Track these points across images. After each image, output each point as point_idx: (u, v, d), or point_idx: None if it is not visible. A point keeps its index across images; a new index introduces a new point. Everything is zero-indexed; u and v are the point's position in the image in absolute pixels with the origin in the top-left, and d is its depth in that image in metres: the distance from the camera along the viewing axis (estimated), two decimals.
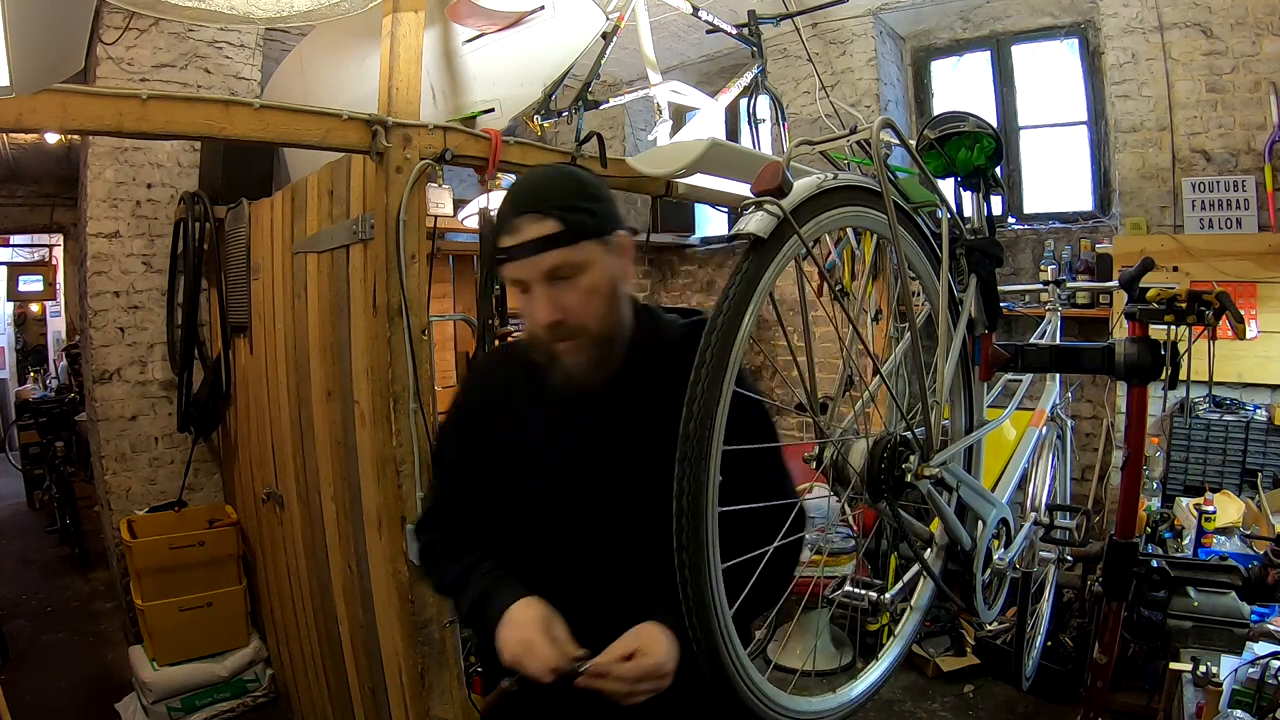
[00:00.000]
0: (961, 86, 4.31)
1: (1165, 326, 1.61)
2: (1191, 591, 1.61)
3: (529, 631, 1.09)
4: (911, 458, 1.17)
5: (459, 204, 3.13)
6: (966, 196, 1.52)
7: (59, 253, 8.08)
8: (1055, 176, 4.04)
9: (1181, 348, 1.57)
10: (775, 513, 1.16)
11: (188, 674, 2.94)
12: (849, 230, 2.88)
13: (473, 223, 3.04)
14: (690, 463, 0.91)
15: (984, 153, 1.43)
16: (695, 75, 4.84)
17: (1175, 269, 3.10)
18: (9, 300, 8.41)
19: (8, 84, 1.27)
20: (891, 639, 1.41)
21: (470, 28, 2.63)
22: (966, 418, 1.47)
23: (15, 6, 1.17)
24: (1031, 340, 1.82)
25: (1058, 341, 2.26)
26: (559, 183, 1.13)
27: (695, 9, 3.06)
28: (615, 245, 1.15)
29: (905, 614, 1.43)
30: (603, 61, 2.87)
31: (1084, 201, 3.91)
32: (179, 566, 2.98)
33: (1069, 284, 2.55)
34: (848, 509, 2.54)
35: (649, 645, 1.06)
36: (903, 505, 1.22)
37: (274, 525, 2.87)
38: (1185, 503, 2.80)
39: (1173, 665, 1.99)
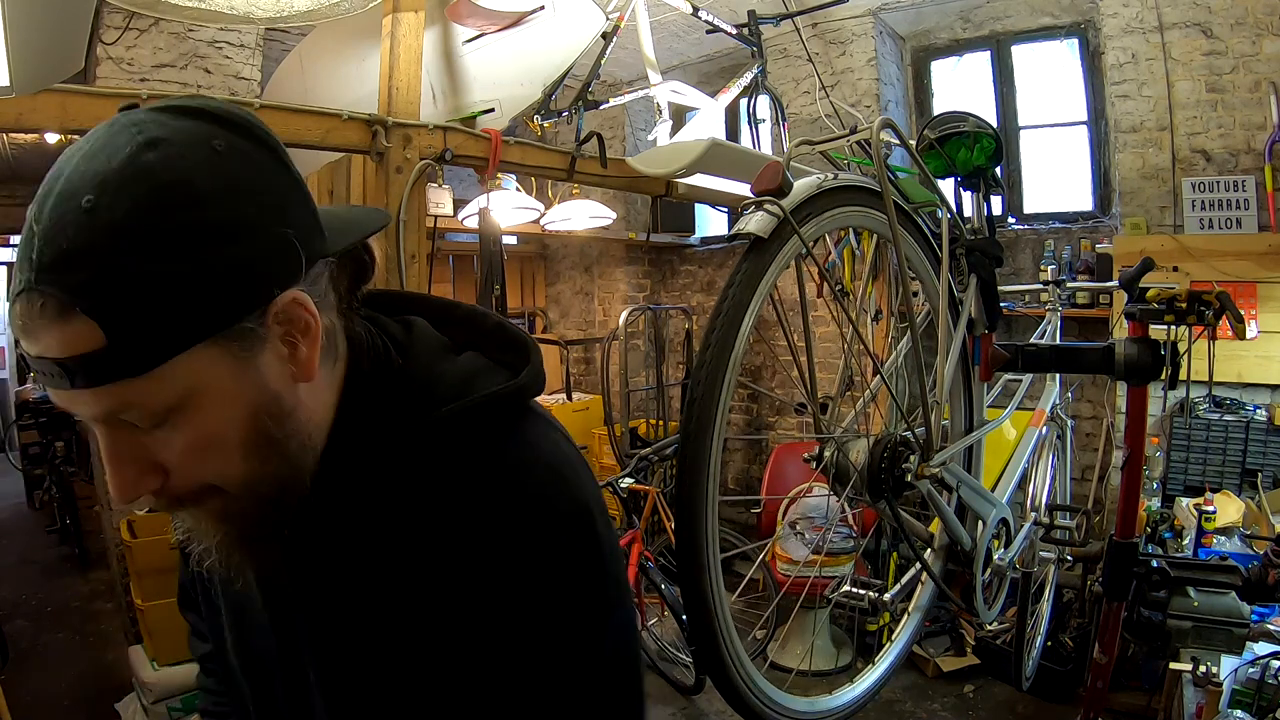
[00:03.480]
0: (961, 86, 4.31)
1: (1165, 326, 1.61)
2: (1191, 591, 1.61)
3: None
4: (911, 457, 1.17)
5: (459, 204, 3.14)
6: (966, 196, 1.52)
7: None
8: (1055, 176, 4.04)
9: (1181, 348, 1.57)
10: None
11: (188, 674, 2.93)
12: (849, 230, 2.89)
13: (473, 223, 3.04)
14: (689, 474, 0.91)
15: (984, 153, 1.44)
16: (695, 75, 4.84)
17: (1175, 269, 3.10)
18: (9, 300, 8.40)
19: (8, 84, 1.27)
20: (891, 639, 1.41)
21: (470, 28, 2.64)
22: (966, 418, 1.47)
23: (15, 6, 1.17)
24: (1031, 340, 1.82)
25: (1058, 341, 2.26)
26: (109, 202, 0.48)
27: (695, 9, 3.06)
28: (262, 335, 0.54)
29: (905, 614, 1.43)
30: (603, 61, 2.87)
31: (1084, 201, 3.91)
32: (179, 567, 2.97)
33: (1069, 284, 2.55)
34: (848, 509, 2.54)
35: None
36: (903, 505, 1.22)
37: None
38: (1185, 503, 2.80)
39: (1173, 665, 2.00)
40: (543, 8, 2.57)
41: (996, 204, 1.54)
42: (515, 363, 0.67)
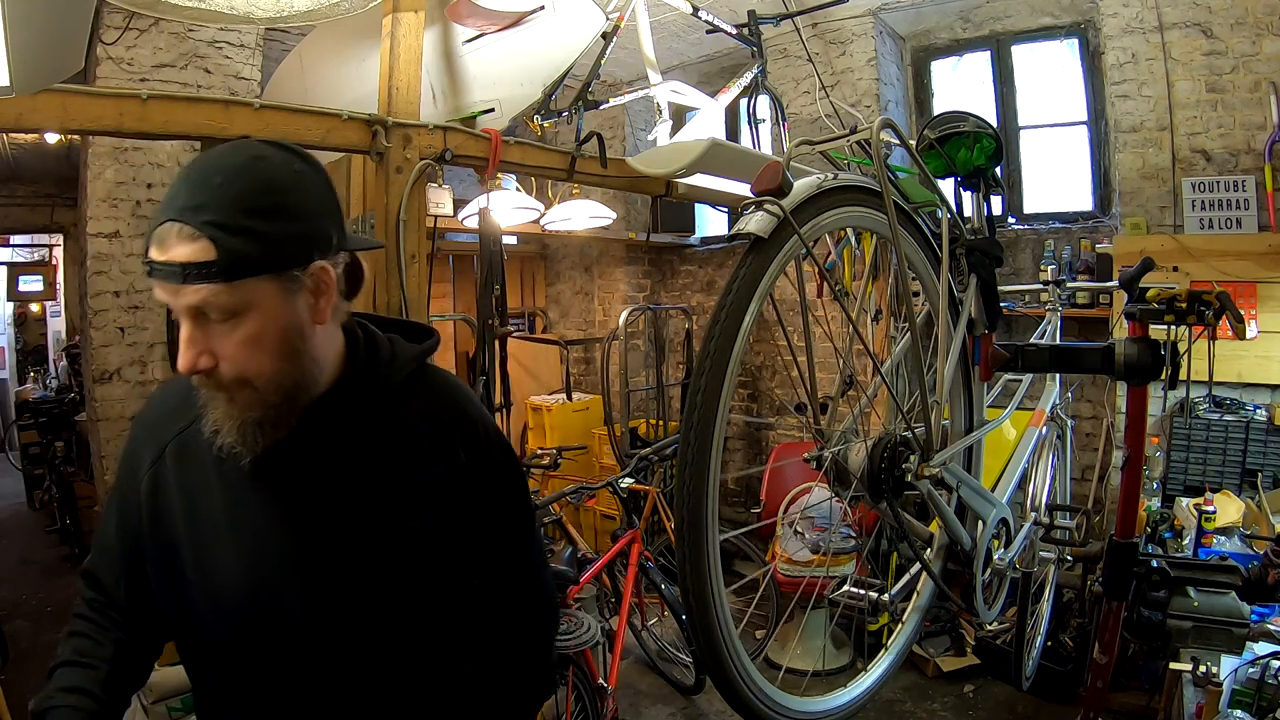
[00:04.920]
0: (961, 86, 4.31)
1: (1165, 326, 1.61)
2: (1191, 591, 1.61)
3: None
4: (912, 457, 1.17)
5: (459, 204, 3.14)
6: (966, 196, 1.52)
7: (59, 253, 8.08)
8: (1055, 176, 4.04)
9: (1181, 348, 1.57)
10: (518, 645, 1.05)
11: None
12: (849, 230, 2.88)
13: (473, 223, 3.04)
14: (691, 475, 0.91)
15: (984, 153, 1.44)
16: (695, 75, 4.84)
17: (1175, 269, 3.10)
18: (9, 300, 8.41)
19: (8, 84, 1.27)
20: (892, 639, 1.41)
21: (470, 28, 2.63)
22: (966, 418, 1.47)
23: (15, 6, 1.17)
24: (1031, 340, 1.82)
25: (1058, 341, 2.26)
26: (231, 182, 0.81)
27: (695, 9, 3.06)
28: (303, 284, 0.85)
29: (905, 614, 1.43)
30: (603, 61, 2.87)
31: (1084, 201, 3.91)
32: None
33: (1069, 284, 2.55)
34: (848, 509, 2.54)
35: None
36: (903, 505, 1.22)
37: None
38: (1185, 503, 2.80)
39: (1173, 665, 2.00)
40: (543, 8, 2.57)
41: (996, 204, 1.54)
42: (428, 336, 1.06)
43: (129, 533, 0.96)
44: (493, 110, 2.68)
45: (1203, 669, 1.78)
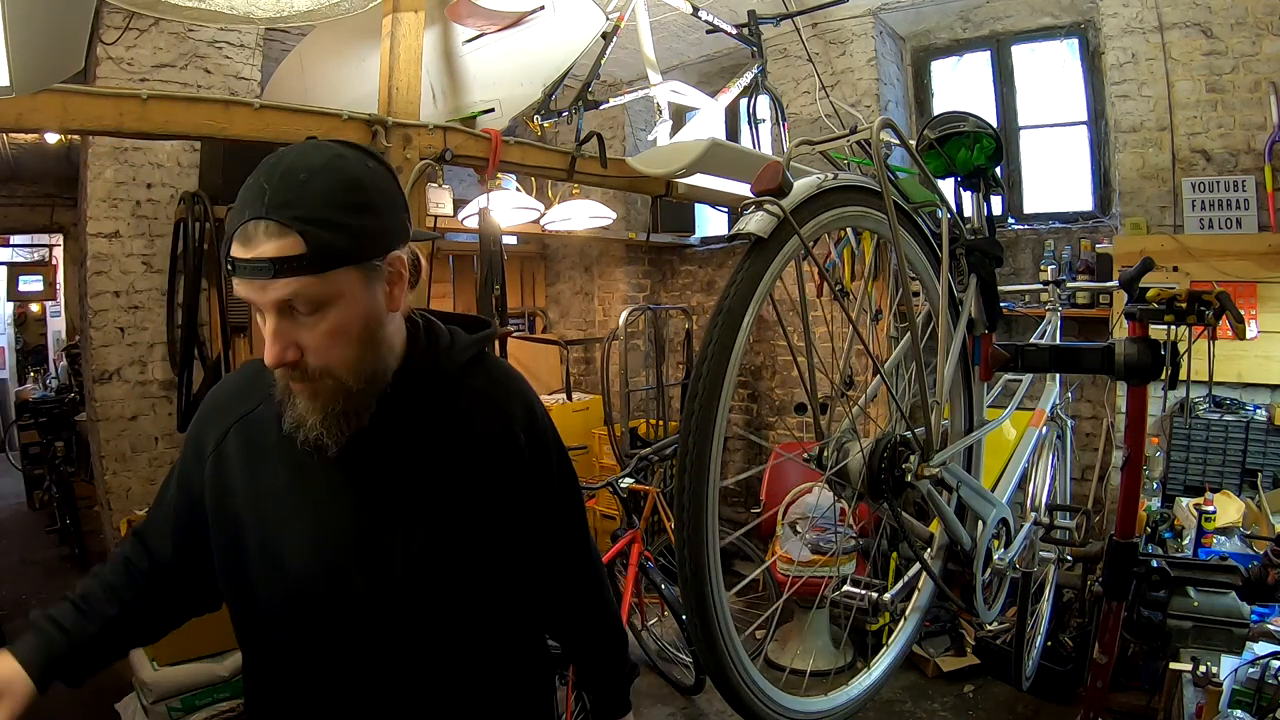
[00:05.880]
0: (961, 86, 4.31)
1: (1165, 326, 1.61)
2: (1191, 591, 1.61)
3: None
4: (911, 457, 1.17)
5: (459, 204, 3.14)
6: (966, 196, 1.52)
7: (59, 253, 8.08)
8: (1055, 176, 4.04)
9: (1181, 348, 1.57)
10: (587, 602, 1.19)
11: (188, 674, 2.93)
12: (849, 230, 2.88)
13: (473, 223, 3.04)
14: (691, 475, 0.91)
15: (984, 153, 1.44)
16: (695, 75, 4.84)
17: (1175, 269, 3.10)
18: (9, 300, 8.41)
19: (8, 84, 1.27)
20: (891, 639, 1.41)
21: (470, 28, 2.64)
22: (966, 418, 1.47)
23: (15, 6, 1.17)
24: (1031, 340, 1.82)
25: (1058, 341, 2.26)
26: (316, 180, 0.84)
27: (695, 9, 3.06)
28: (382, 273, 0.89)
29: (905, 614, 1.43)
30: (603, 61, 2.87)
31: (1084, 201, 3.91)
32: None
33: (1069, 284, 2.55)
34: (849, 509, 2.54)
35: None
36: (903, 505, 1.22)
37: None
38: (1185, 503, 2.80)
39: (1173, 665, 2.00)
40: (543, 8, 2.57)
41: (996, 204, 1.54)
42: (485, 327, 1.11)
43: (188, 505, 1.00)
44: (493, 110, 2.68)
45: (1203, 669, 1.78)
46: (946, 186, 1.47)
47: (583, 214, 3.56)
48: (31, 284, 8.00)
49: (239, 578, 0.97)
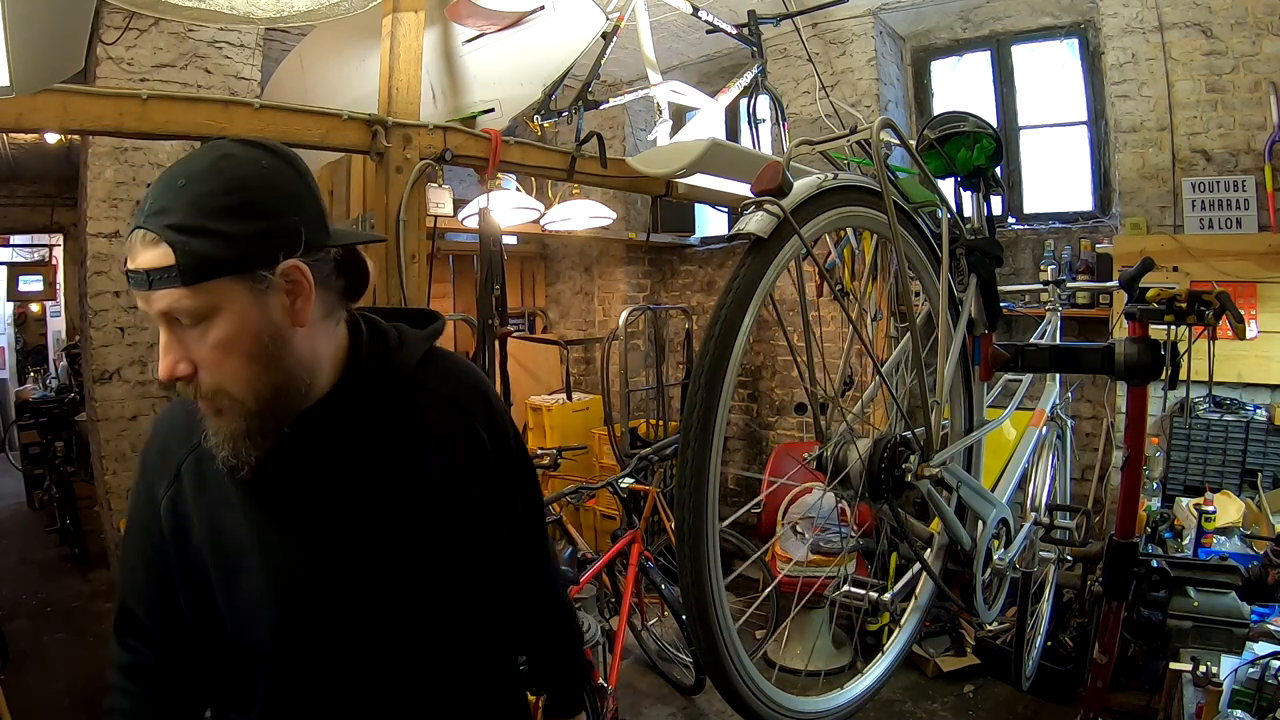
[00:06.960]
0: (961, 86, 4.31)
1: (1165, 326, 1.61)
2: (1191, 591, 1.61)
3: None
4: (911, 458, 1.17)
5: (459, 204, 3.14)
6: (966, 196, 1.52)
7: (59, 253, 8.08)
8: (1055, 176, 4.04)
9: (1181, 348, 1.57)
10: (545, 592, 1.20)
11: None
12: (849, 230, 2.88)
13: (473, 223, 3.04)
14: (691, 475, 0.91)
15: (984, 153, 1.44)
16: (695, 75, 4.84)
17: (1175, 269, 3.10)
18: (9, 300, 8.41)
19: (8, 84, 1.27)
20: (891, 639, 1.41)
21: (470, 28, 2.64)
22: (966, 418, 1.47)
23: (15, 6, 1.17)
24: (1031, 340, 1.82)
25: (1058, 341, 2.26)
26: (193, 185, 0.79)
27: (695, 9, 3.06)
28: (273, 284, 0.81)
29: (905, 614, 1.43)
30: (603, 61, 2.87)
31: (1084, 201, 3.91)
32: None
33: (1069, 284, 2.55)
34: (848, 509, 2.54)
35: None
36: (903, 505, 1.22)
37: None
38: (1185, 503, 2.80)
39: (1173, 665, 2.00)
40: (543, 8, 2.57)
41: (996, 204, 1.54)
42: (432, 320, 1.06)
43: (156, 562, 0.93)
44: (493, 110, 2.68)
45: (1203, 669, 1.78)
46: (946, 186, 1.47)
47: (583, 214, 3.56)
48: (31, 284, 8.00)
49: (211, 620, 0.91)
